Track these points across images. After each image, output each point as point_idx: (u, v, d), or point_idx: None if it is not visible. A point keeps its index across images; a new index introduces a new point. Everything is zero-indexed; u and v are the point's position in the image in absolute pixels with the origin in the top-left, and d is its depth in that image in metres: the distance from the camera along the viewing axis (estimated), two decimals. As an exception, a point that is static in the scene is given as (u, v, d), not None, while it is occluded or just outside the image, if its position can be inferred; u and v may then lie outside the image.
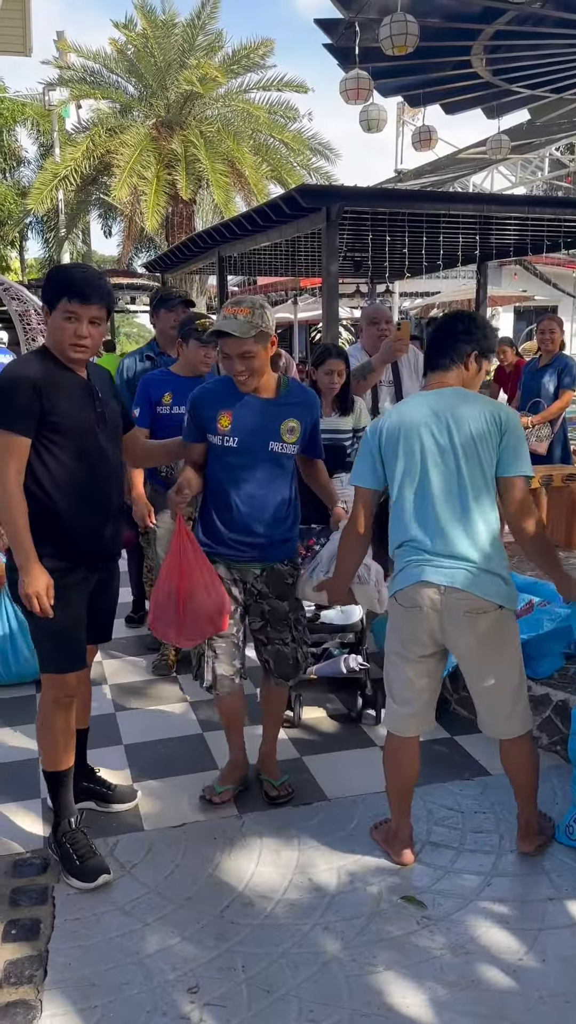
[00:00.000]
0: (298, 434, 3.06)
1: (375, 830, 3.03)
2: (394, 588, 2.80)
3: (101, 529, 2.86)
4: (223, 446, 3.02)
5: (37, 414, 2.66)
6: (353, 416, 4.47)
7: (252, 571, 3.12)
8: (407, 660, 2.80)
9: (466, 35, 8.16)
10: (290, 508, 3.14)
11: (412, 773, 2.89)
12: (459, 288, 17.39)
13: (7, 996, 2.32)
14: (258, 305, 2.88)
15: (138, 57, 17.48)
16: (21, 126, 24.98)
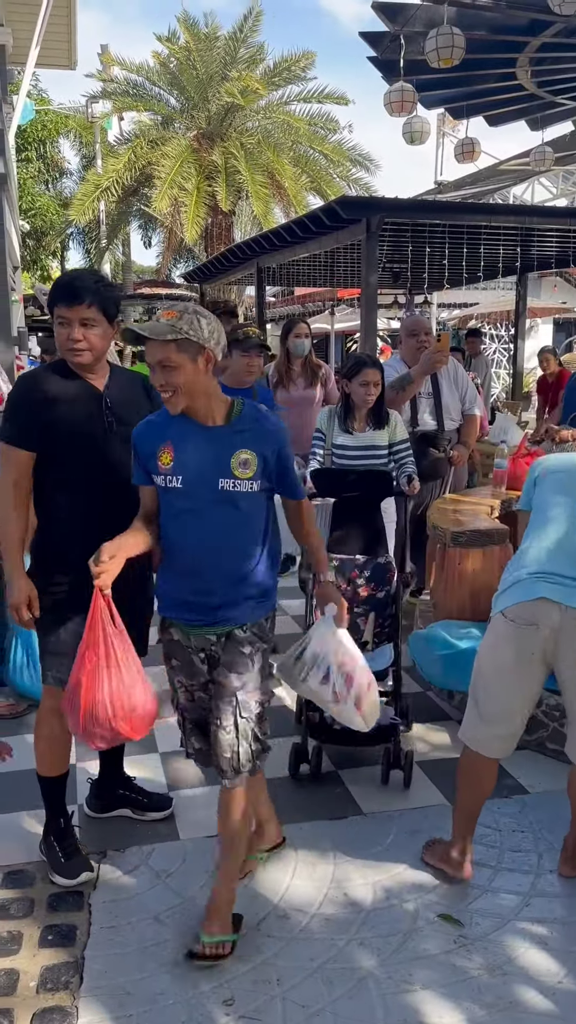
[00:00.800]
0: (254, 468, 2.45)
1: (427, 852, 2.95)
2: (504, 604, 2.70)
3: (107, 539, 2.66)
4: (167, 487, 2.48)
5: (38, 427, 2.64)
6: (388, 430, 4.26)
7: (207, 638, 2.56)
8: (506, 679, 2.68)
9: (512, 47, 8.14)
10: (256, 562, 2.54)
11: (487, 792, 2.82)
12: (498, 299, 17.31)
13: (44, 1002, 2.33)
14: (191, 310, 2.40)
15: (180, 70, 17.65)
16: (64, 138, 25.36)
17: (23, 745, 3.77)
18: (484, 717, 2.73)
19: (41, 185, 26.02)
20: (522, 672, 2.66)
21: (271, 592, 2.61)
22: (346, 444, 4.21)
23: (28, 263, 24.31)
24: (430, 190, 17.12)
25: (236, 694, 2.50)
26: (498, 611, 2.72)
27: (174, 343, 2.33)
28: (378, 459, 4.22)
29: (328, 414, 4.33)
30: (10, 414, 2.69)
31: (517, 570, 2.73)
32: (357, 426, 4.22)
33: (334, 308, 17.93)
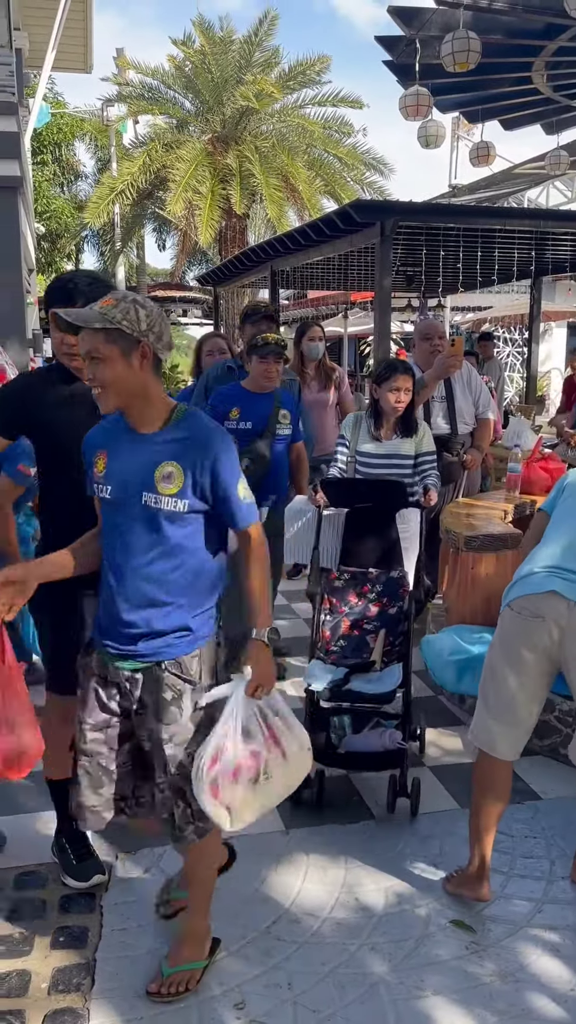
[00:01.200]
0: (179, 484, 2.15)
1: (448, 883, 2.85)
2: (512, 596, 2.70)
3: None
4: (100, 497, 2.28)
5: (19, 420, 2.64)
6: (416, 439, 4.12)
7: (122, 670, 2.28)
8: (514, 673, 2.65)
9: (528, 51, 8.14)
10: (184, 590, 2.25)
11: (502, 799, 2.75)
12: (512, 303, 17.26)
13: (56, 1003, 2.34)
14: (130, 299, 2.14)
15: (195, 73, 17.70)
16: (80, 141, 25.49)
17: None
18: (492, 713, 2.71)
19: (56, 188, 26.14)
20: (527, 666, 2.63)
21: (196, 632, 2.28)
22: (370, 452, 4.11)
23: (43, 265, 24.41)
24: (444, 194, 17.09)
25: (162, 748, 2.23)
26: (506, 604, 2.72)
27: (103, 332, 2.09)
28: (402, 469, 4.09)
29: (354, 420, 4.23)
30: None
31: (528, 564, 2.73)
32: (384, 433, 4.11)
33: (347, 311, 17.93)
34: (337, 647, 3.62)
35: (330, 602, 3.74)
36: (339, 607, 3.73)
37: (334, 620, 3.70)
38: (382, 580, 3.75)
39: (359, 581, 3.77)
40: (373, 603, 3.73)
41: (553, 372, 18.45)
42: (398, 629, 3.64)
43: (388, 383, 3.94)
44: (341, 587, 3.76)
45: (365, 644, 3.61)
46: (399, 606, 3.68)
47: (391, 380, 3.93)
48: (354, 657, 3.54)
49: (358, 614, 3.71)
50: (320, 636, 3.63)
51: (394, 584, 3.74)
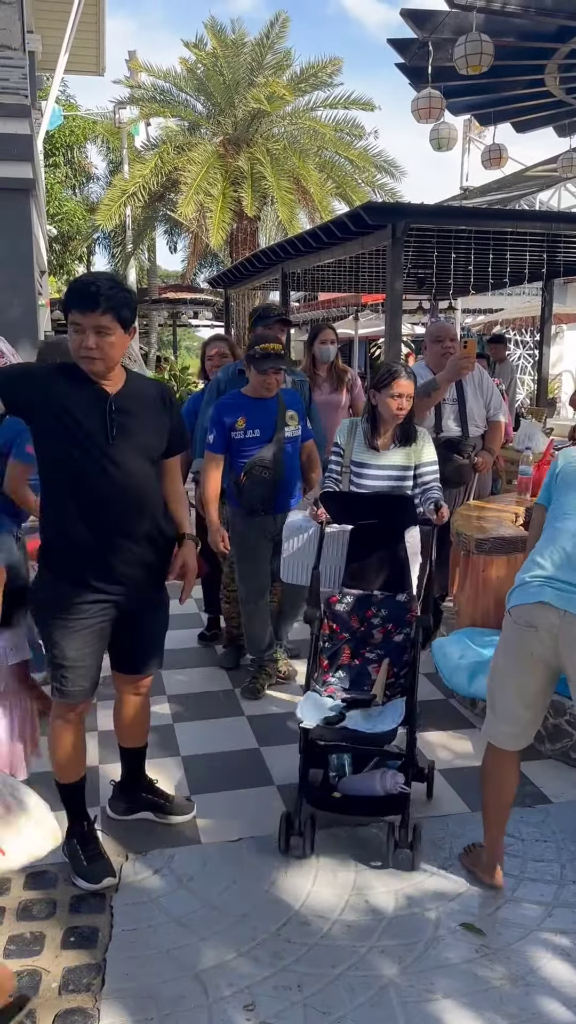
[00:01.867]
0: None
1: (465, 856, 2.97)
2: (511, 603, 2.71)
3: (109, 552, 2.70)
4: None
5: (19, 395, 2.61)
6: (415, 448, 3.83)
7: None
8: (513, 678, 2.70)
9: (540, 54, 8.13)
10: None
11: (512, 788, 2.81)
12: (523, 305, 17.23)
13: (66, 1003, 2.34)
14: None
15: (207, 76, 17.75)
16: (92, 143, 25.60)
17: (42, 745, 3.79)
18: (496, 714, 2.78)
19: (68, 190, 26.26)
20: (523, 671, 2.69)
21: None
22: (367, 462, 3.83)
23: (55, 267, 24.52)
24: (456, 196, 17.07)
25: None
26: (507, 610, 2.76)
27: None
28: (402, 481, 3.82)
29: (349, 427, 3.94)
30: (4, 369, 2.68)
31: (527, 571, 2.73)
32: (382, 443, 3.81)
33: (358, 313, 17.93)
34: (336, 678, 3.39)
35: (330, 627, 3.47)
36: (340, 633, 3.47)
37: (334, 647, 3.45)
38: (388, 604, 3.47)
39: (363, 604, 3.49)
40: (377, 629, 3.46)
41: (565, 375, 18.39)
42: (403, 659, 3.38)
43: (389, 389, 3.64)
44: (343, 611, 3.49)
45: (366, 675, 3.38)
46: (405, 633, 3.41)
47: (392, 386, 3.64)
48: (354, 690, 3.32)
49: (360, 640, 3.46)
50: (317, 664, 3.37)
51: (401, 608, 3.45)
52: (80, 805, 2.95)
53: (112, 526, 2.69)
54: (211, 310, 23.14)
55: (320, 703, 3.16)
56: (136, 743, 3.20)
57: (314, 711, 3.06)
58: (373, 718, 3.04)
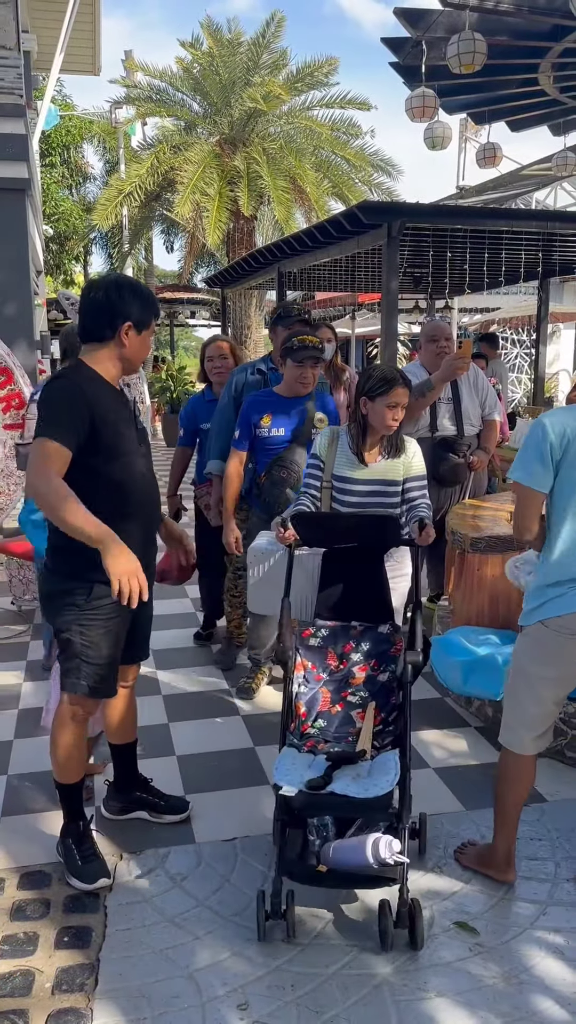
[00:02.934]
0: None
1: (462, 855, 2.97)
2: (549, 613, 2.64)
3: (144, 549, 2.82)
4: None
5: (85, 430, 2.61)
6: (404, 460, 3.42)
7: None
8: (549, 687, 2.68)
9: (534, 53, 8.13)
10: None
11: (529, 787, 2.82)
12: (519, 304, 17.23)
13: (59, 1003, 2.34)
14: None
15: (203, 75, 17.72)
16: (88, 143, 25.58)
17: (44, 745, 3.79)
18: (524, 722, 2.74)
19: (65, 190, 26.23)
20: (565, 680, 2.68)
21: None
22: (353, 477, 3.39)
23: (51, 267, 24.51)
24: (452, 195, 17.05)
25: None
26: (537, 620, 2.67)
27: None
28: (390, 498, 3.41)
29: (330, 436, 3.49)
30: (54, 413, 2.60)
31: (558, 577, 2.63)
32: (369, 455, 3.38)
33: (355, 313, 17.92)
34: (315, 728, 2.97)
35: (304, 666, 3.05)
36: (316, 673, 3.05)
37: (310, 691, 3.02)
38: (369, 636, 3.08)
39: (339, 638, 3.09)
40: (358, 666, 3.06)
41: (561, 374, 18.41)
42: (391, 701, 3.00)
43: (385, 398, 3.22)
44: (318, 646, 3.09)
45: (350, 722, 2.98)
46: (391, 671, 3.03)
47: (389, 394, 3.22)
48: (337, 741, 2.91)
49: (340, 681, 3.06)
50: (294, 712, 2.93)
51: (383, 642, 3.07)
52: (78, 804, 2.96)
53: (146, 524, 2.86)
54: (208, 310, 23.13)
55: (299, 761, 2.72)
56: (127, 738, 3.21)
57: (293, 772, 2.63)
58: (363, 778, 2.61)
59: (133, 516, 2.77)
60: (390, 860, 2.52)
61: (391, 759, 2.68)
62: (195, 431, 5.00)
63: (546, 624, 2.64)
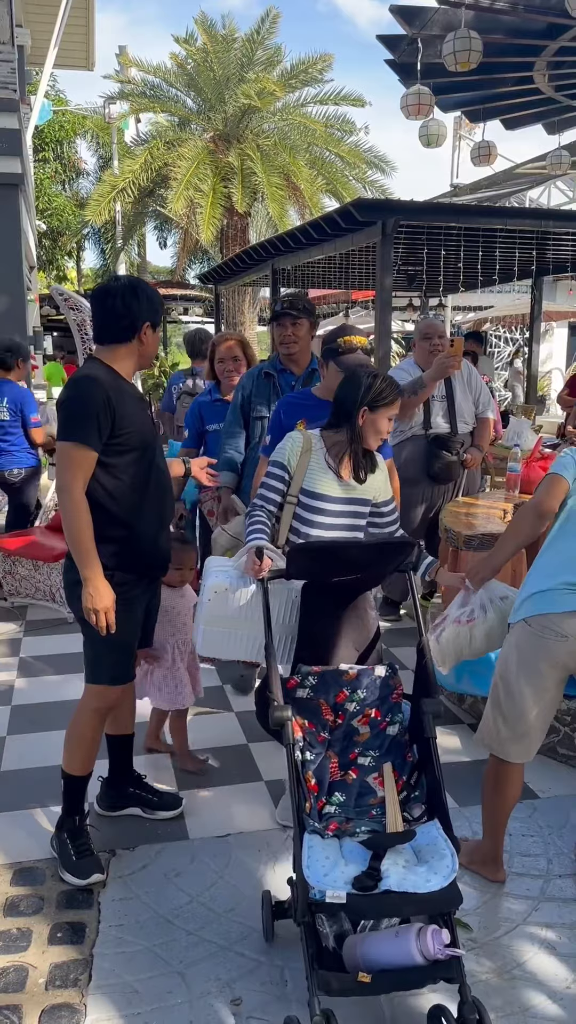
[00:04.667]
0: None
1: (460, 854, 2.96)
2: (529, 611, 2.66)
3: (161, 540, 2.94)
4: None
5: (108, 429, 2.69)
6: (382, 478, 3.04)
7: None
8: (532, 688, 2.66)
9: (529, 51, 8.13)
10: None
11: (515, 796, 2.81)
12: (513, 303, 17.25)
13: (52, 999, 2.34)
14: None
15: (197, 71, 17.69)
16: (81, 139, 25.52)
17: (37, 741, 3.79)
18: (507, 724, 2.72)
19: (58, 185, 26.16)
20: (546, 681, 2.66)
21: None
22: (327, 494, 2.93)
23: (44, 263, 24.44)
24: (446, 193, 17.08)
25: None
26: (520, 618, 2.69)
27: None
28: (362, 519, 3.03)
29: (303, 443, 2.96)
30: (79, 415, 2.66)
31: (548, 578, 2.66)
32: (345, 471, 2.93)
33: (348, 310, 17.92)
34: (334, 805, 2.48)
35: (301, 726, 2.53)
36: (316, 733, 2.56)
37: (317, 757, 2.54)
38: (365, 681, 2.62)
39: (331, 686, 2.60)
40: (357, 718, 2.60)
41: (554, 372, 18.45)
42: (406, 758, 2.58)
43: (390, 408, 2.88)
44: (308, 698, 2.59)
45: (370, 791, 2.51)
46: (399, 721, 2.62)
47: (394, 404, 2.89)
48: (360, 816, 2.44)
49: (343, 740, 2.59)
50: (303, 788, 2.39)
51: (383, 686, 2.64)
52: (80, 799, 2.96)
53: (161, 514, 2.92)
54: (201, 306, 23.09)
55: (330, 852, 2.23)
56: (124, 730, 3.21)
57: (330, 869, 2.14)
58: (414, 865, 2.17)
59: (150, 507, 2.84)
60: (442, 955, 2.06)
61: (437, 836, 2.27)
62: (201, 432, 4.70)
63: (528, 623, 2.66)
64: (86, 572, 2.66)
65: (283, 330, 3.82)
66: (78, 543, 2.66)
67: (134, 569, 2.83)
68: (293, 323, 3.84)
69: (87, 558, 2.66)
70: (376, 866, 2.13)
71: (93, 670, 2.89)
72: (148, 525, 2.83)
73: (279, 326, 3.84)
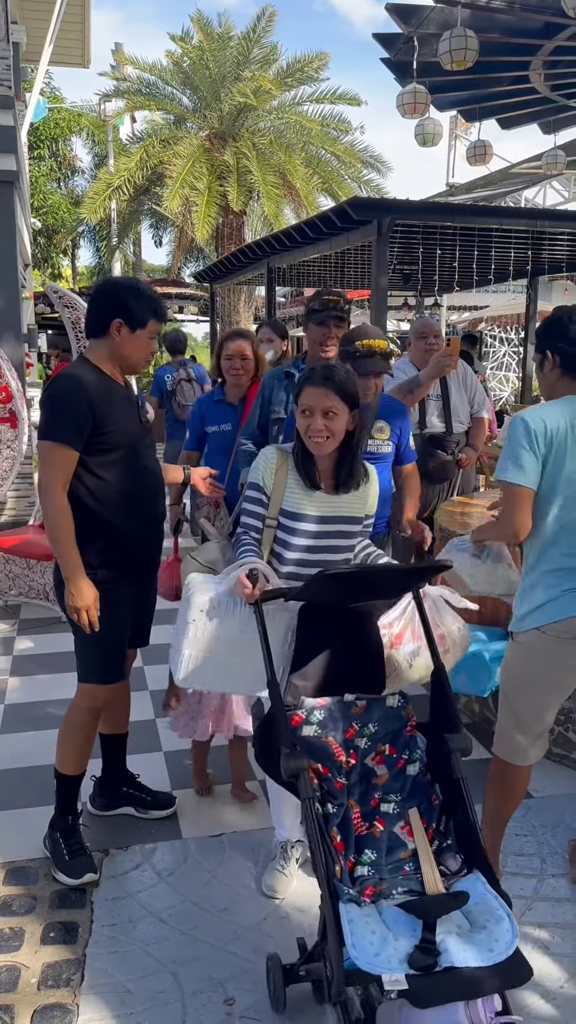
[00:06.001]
0: None
1: None
2: (546, 619, 2.53)
3: (151, 539, 2.93)
4: None
5: (88, 428, 2.68)
6: (366, 491, 2.66)
7: None
8: (549, 694, 2.60)
9: (525, 50, 8.13)
10: None
11: (522, 797, 2.78)
12: (508, 302, 17.27)
13: (45, 999, 2.34)
14: None
15: (193, 69, 17.66)
16: (77, 136, 25.43)
17: (30, 740, 3.78)
18: (521, 730, 2.66)
19: (53, 183, 26.07)
20: (564, 686, 2.61)
21: None
22: (310, 514, 2.57)
23: (39, 261, 24.37)
24: (441, 192, 17.07)
25: None
26: (533, 627, 2.56)
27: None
28: (349, 539, 2.65)
29: (278, 459, 2.61)
30: (60, 415, 2.67)
31: (554, 584, 2.55)
32: (327, 483, 2.59)
33: (344, 309, 17.91)
34: (366, 864, 2.13)
35: (316, 772, 2.19)
36: (334, 779, 2.22)
37: (339, 809, 2.19)
38: (375, 714, 2.31)
39: (339, 720, 2.27)
40: (370, 756, 2.28)
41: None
42: (432, 801, 2.24)
43: (299, 398, 2.53)
44: (316, 736, 2.24)
45: (399, 843, 2.18)
46: (417, 759, 2.29)
47: (301, 394, 2.53)
48: (394, 874, 2.11)
49: (361, 784, 2.26)
50: (329, 847, 2.07)
51: (395, 718, 2.33)
52: (73, 798, 2.96)
53: (149, 515, 2.90)
54: (197, 305, 23.09)
55: (373, 925, 1.91)
56: (118, 729, 3.21)
57: (379, 945, 1.84)
58: (469, 931, 1.90)
59: (135, 506, 2.82)
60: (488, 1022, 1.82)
61: (486, 894, 1.98)
62: (202, 434, 4.39)
63: (543, 631, 2.54)
64: (66, 571, 2.69)
65: (325, 331, 3.59)
66: (57, 541, 2.68)
67: (118, 567, 2.82)
68: (337, 325, 3.62)
69: (67, 557, 2.68)
70: (430, 938, 1.85)
71: (83, 669, 2.89)
72: (132, 524, 2.81)
73: (321, 326, 3.58)
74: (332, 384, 2.47)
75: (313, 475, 2.56)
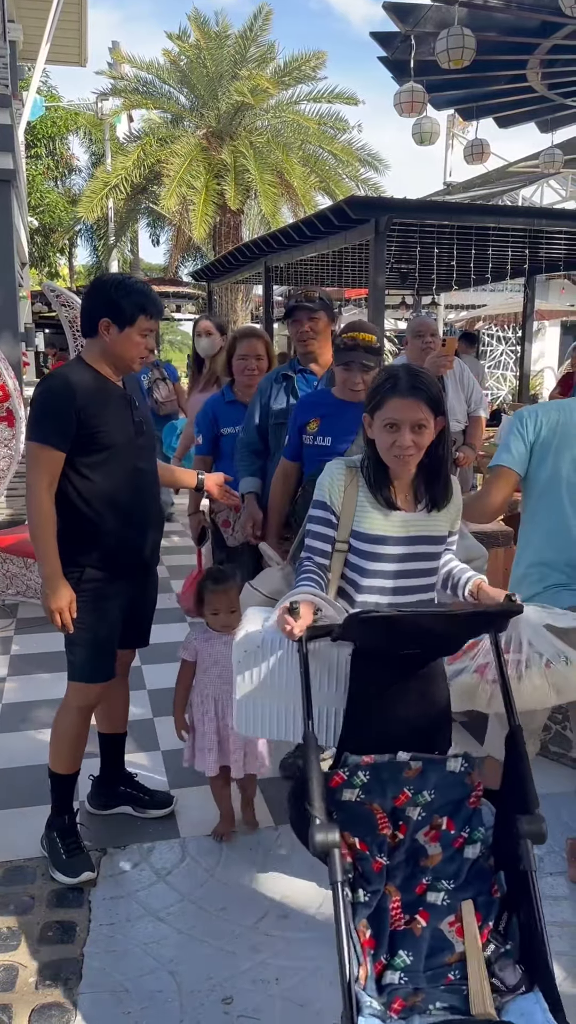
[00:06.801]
0: None
1: None
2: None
3: (141, 540, 2.90)
4: None
5: (74, 428, 2.65)
6: (451, 509, 2.36)
7: None
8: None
9: (523, 49, 8.14)
10: None
11: None
12: (505, 301, 17.27)
13: (43, 998, 2.33)
14: None
15: (190, 68, 17.64)
16: (74, 135, 25.38)
17: (26, 740, 3.78)
18: (526, 731, 2.66)
19: (50, 182, 26.03)
20: None
21: None
22: (386, 535, 2.26)
23: (36, 259, 24.35)
24: (439, 191, 17.08)
25: None
26: None
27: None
28: (432, 561, 2.33)
29: (346, 475, 2.32)
30: (45, 415, 2.67)
31: (538, 580, 2.59)
32: (403, 499, 2.29)
33: (341, 308, 17.92)
34: (399, 968, 1.79)
35: (350, 846, 1.88)
36: (372, 858, 1.89)
37: (372, 898, 1.86)
38: (433, 778, 1.94)
39: (388, 784, 1.93)
40: (425, 831, 1.93)
41: (546, 371, 18.48)
42: (492, 893, 1.88)
43: (382, 411, 2.21)
44: (357, 802, 1.92)
45: (445, 944, 1.82)
46: (479, 839, 1.93)
47: (385, 406, 2.21)
48: (434, 984, 1.76)
49: (405, 866, 1.90)
50: (355, 943, 1.76)
51: (457, 784, 1.97)
52: (69, 797, 2.95)
53: (142, 517, 2.87)
54: (194, 304, 23.07)
55: None
56: (117, 728, 3.21)
57: None
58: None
59: (126, 507, 2.79)
60: None
61: (535, 1009, 1.63)
62: (215, 437, 4.25)
63: None
64: (44, 570, 2.69)
65: (299, 326, 3.54)
66: (37, 540, 2.68)
67: (107, 567, 2.79)
68: (310, 317, 3.56)
69: (45, 557, 2.68)
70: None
71: (72, 667, 2.89)
72: (122, 524, 2.78)
73: (294, 322, 3.56)
74: (422, 394, 2.16)
75: (390, 495, 2.25)
